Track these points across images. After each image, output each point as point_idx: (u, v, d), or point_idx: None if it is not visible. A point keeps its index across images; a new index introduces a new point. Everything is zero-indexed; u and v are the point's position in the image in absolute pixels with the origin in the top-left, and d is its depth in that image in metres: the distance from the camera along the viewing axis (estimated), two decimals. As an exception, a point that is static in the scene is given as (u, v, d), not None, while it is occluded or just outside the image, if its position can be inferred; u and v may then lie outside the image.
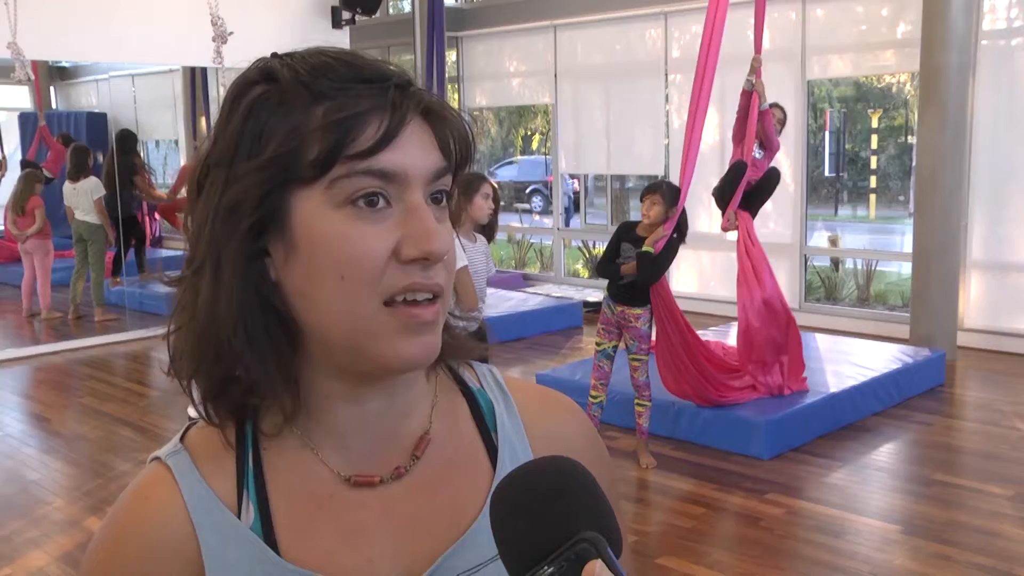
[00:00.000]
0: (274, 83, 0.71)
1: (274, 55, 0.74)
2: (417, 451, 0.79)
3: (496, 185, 4.46)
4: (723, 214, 5.36)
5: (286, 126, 0.69)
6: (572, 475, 0.62)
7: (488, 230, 4.34)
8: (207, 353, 0.73)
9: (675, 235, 4.53)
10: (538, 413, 0.86)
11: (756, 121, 5.29)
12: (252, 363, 0.72)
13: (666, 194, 4.53)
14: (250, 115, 0.71)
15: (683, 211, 4.57)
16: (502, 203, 4.35)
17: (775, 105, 5.53)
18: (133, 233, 9.34)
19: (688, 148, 4.84)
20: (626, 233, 4.62)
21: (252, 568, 0.74)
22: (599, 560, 0.56)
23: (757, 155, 5.38)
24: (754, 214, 5.42)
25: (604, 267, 4.66)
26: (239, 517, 0.75)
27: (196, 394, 0.76)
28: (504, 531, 0.61)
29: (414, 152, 0.71)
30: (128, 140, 9.55)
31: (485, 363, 0.89)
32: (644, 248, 4.45)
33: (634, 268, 4.47)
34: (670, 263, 4.58)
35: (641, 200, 4.61)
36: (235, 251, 0.71)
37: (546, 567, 0.57)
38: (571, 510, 0.59)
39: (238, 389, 0.74)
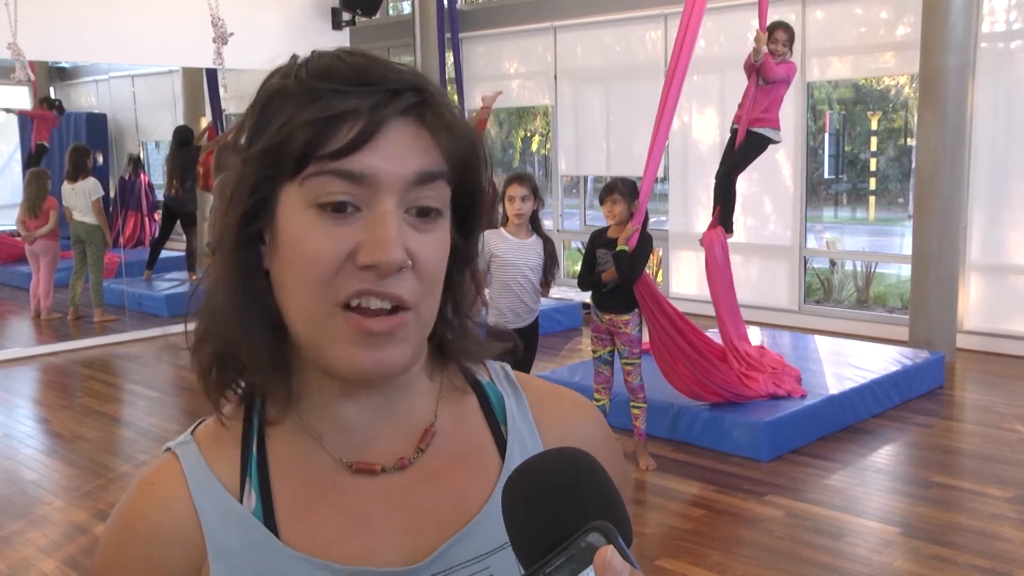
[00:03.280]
0: (287, 81, 0.73)
1: (313, 53, 0.76)
2: (422, 444, 0.79)
3: (523, 184, 4.47)
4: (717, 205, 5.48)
5: (280, 120, 0.71)
6: (583, 466, 0.62)
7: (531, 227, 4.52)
8: (208, 324, 0.76)
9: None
10: (550, 409, 0.86)
11: (754, 84, 5.37)
12: (242, 341, 0.74)
13: (623, 191, 4.54)
14: (261, 109, 0.73)
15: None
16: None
17: (777, 26, 5.46)
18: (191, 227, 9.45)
19: (653, 145, 4.85)
20: (598, 240, 4.63)
21: (253, 553, 0.75)
22: (610, 546, 0.56)
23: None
24: (735, 175, 5.54)
25: (585, 280, 4.66)
26: (242, 503, 0.77)
27: (200, 364, 0.78)
28: (515, 521, 0.61)
29: (390, 156, 0.70)
30: (184, 132, 9.56)
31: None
32: (619, 248, 4.46)
33: (614, 272, 4.47)
34: (647, 256, 4.59)
35: (601, 203, 4.62)
36: (232, 234, 0.73)
37: (557, 555, 0.57)
38: (582, 500, 0.60)
39: (234, 365, 0.76)
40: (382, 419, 0.78)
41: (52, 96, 10.63)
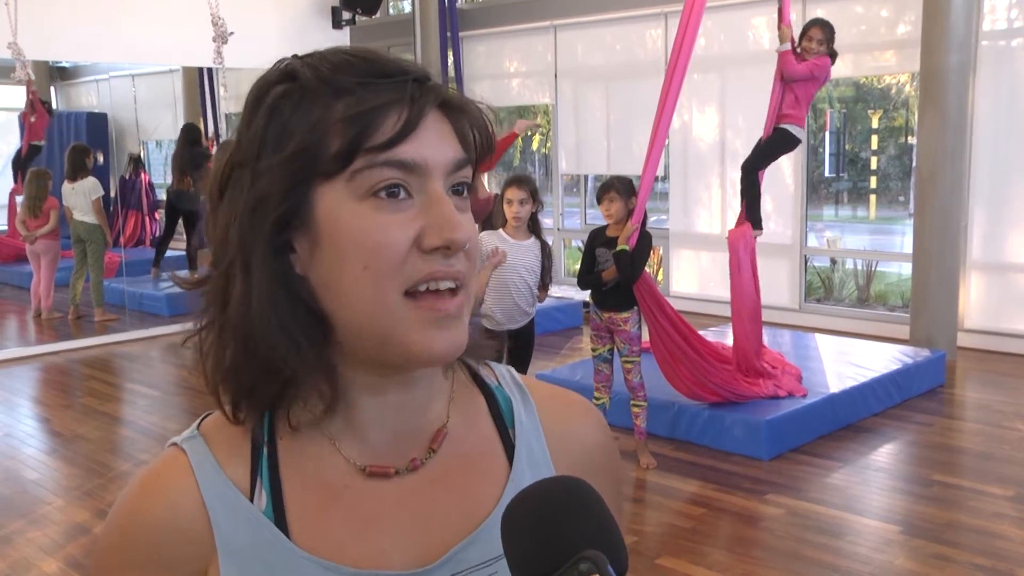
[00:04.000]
0: (295, 82, 0.72)
1: (295, 56, 0.75)
2: (434, 444, 0.80)
3: (522, 187, 4.44)
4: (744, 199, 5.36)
5: (308, 121, 0.70)
6: (577, 494, 0.63)
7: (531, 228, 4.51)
8: (243, 348, 0.73)
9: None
10: (555, 412, 0.86)
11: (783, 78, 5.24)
12: (290, 353, 0.72)
13: (620, 189, 4.53)
14: (273, 114, 0.72)
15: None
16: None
17: (813, 24, 5.37)
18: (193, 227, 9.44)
19: (652, 143, 4.82)
20: (597, 239, 4.61)
21: (264, 552, 0.75)
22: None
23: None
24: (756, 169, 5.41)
25: (585, 279, 4.64)
26: (252, 502, 0.76)
27: (224, 394, 0.76)
28: (512, 550, 0.62)
29: (433, 143, 0.72)
30: (193, 131, 9.56)
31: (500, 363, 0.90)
32: (619, 247, 4.45)
33: (614, 271, 4.46)
34: (647, 255, 4.58)
35: (598, 202, 4.61)
36: (263, 246, 0.71)
37: None
38: (576, 530, 0.61)
39: (274, 384, 0.74)
40: (400, 418, 0.78)
41: (43, 97, 10.63)
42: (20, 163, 9.55)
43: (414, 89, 0.72)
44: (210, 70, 9.77)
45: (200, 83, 10.28)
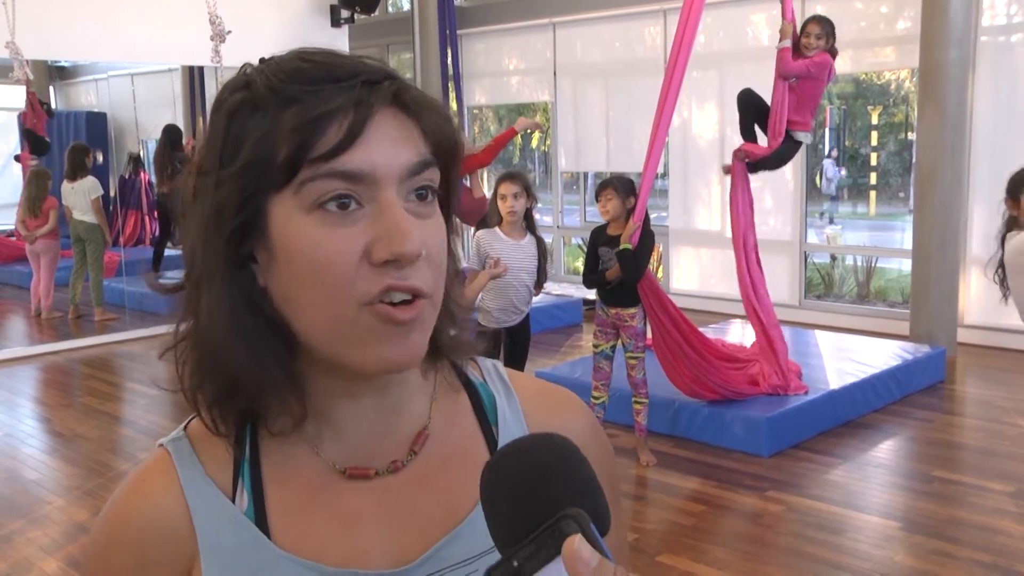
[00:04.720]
0: (250, 91, 0.71)
1: (261, 60, 0.74)
2: (415, 446, 0.79)
3: (515, 182, 4.43)
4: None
5: (257, 132, 0.69)
6: (560, 453, 0.61)
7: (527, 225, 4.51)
8: (210, 361, 0.73)
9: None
10: (540, 406, 0.86)
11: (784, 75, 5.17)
12: (252, 368, 0.72)
13: (618, 187, 4.53)
14: (230, 123, 0.71)
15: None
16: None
17: (811, 20, 5.31)
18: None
19: (653, 141, 4.82)
20: (599, 237, 4.61)
21: (244, 553, 0.75)
22: (579, 535, 0.55)
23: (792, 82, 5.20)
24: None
25: (589, 278, 4.66)
26: (234, 503, 0.76)
27: (201, 404, 0.76)
28: (491, 509, 0.60)
29: (384, 148, 0.69)
30: (174, 133, 9.55)
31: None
32: (622, 246, 4.45)
33: (618, 270, 4.46)
34: (650, 253, 4.58)
35: (596, 200, 4.61)
36: (222, 257, 0.71)
37: (527, 544, 0.56)
38: (557, 487, 0.59)
39: (241, 398, 0.74)
40: (377, 420, 0.78)
41: (42, 97, 10.61)
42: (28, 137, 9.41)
43: (362, 92, 0.69)
44: (201, 69, 9.76)
45: (191, 83, 10.27)
